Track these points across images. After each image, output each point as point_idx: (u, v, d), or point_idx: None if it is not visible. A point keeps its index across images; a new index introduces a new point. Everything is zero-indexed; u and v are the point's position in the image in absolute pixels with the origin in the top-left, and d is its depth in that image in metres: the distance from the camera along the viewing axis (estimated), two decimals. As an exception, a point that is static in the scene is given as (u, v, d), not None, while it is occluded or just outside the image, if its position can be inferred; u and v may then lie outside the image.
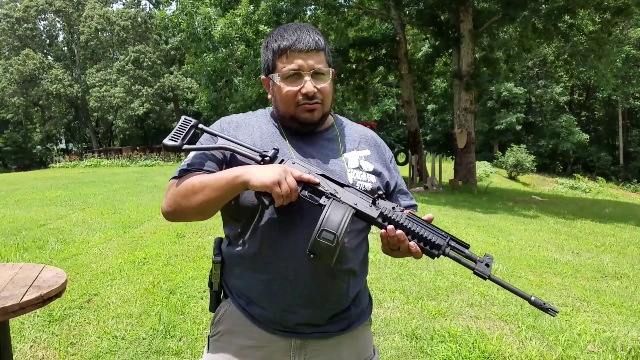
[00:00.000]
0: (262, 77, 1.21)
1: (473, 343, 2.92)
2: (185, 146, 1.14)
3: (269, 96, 1.21)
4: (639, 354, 2.87)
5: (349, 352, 1.23)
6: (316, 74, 1.12)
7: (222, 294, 1.25)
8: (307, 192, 1.07)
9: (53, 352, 2.74)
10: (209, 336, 1.27)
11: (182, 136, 1.15)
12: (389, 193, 1.27)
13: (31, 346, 2.80)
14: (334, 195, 1.06)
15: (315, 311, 1.15)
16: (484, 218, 8.69)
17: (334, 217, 1.01)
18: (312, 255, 1.00)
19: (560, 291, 4.19)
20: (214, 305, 1.26)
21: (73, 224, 6.68)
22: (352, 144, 1.25)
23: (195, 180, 1.09)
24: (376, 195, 1.07)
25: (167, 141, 1.14)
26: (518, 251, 5.87)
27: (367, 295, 1.30)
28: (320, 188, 1.07)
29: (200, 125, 1.20)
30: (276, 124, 1.22)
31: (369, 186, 1.18)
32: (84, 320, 3.20)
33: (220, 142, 1.15)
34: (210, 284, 1.25)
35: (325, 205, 1.04)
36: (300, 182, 1.05)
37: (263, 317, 1.16)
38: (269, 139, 1.18)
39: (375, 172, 1.22)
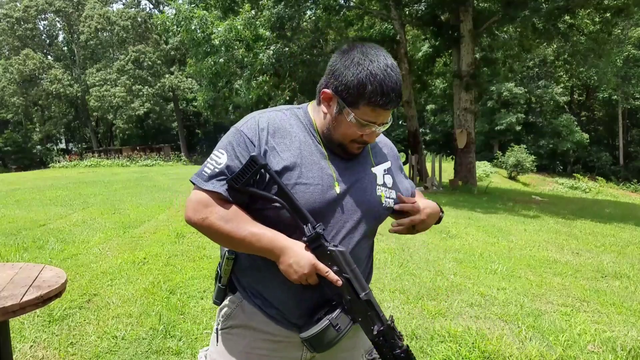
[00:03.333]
0: (327, 91, 1.14)
1: (473, 343, 2.92)
2: (252, 189, 1.12)
3: (323, 109, 1.18)
4: (639, 354, 2.87)
5: (360, 340, 1.29)
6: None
7: (228, 288, 1.27)
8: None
9: (53, 352, 2.74)
10: (217, 329, 1.28)
11: (245, 179, 1.11)
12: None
13: (31, 346, 2.80)
14: (347, 305, 1.11)
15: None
16: (484, 218, 8.69)
17: (324, 338, 1.10)
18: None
19: (560, 291, 4.19)
20: (220, 299, 1.28)
21: (73, 224, 6.68)
22: (378, 157, 1.31)
23: (235, 231, 1.11)
24: (390, 321, 1.13)
25: (231, 182, 1.11)
26: (518, 251, 5.87)
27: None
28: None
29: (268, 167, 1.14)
30: (315, 136, 1.20)
31: (391, 202, 1.27)
32: (84, 320, 3.20)
33: (278, 194, 1.11)
34: (219, 278, 1.26)
35: (326, 318, 1.10)
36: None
37: (280, 316, 1.20)
38: (309, 153, 1.17)
39: (394, 187, 1.30)
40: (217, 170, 1.13)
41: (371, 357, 1.32)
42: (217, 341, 1.27)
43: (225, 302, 1.26)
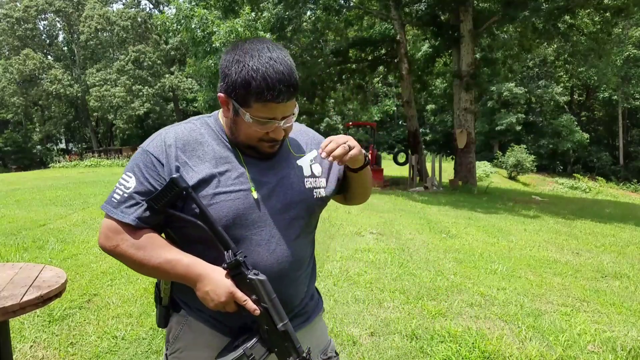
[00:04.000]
0: (221, 94, 1.09)
1: (473, 343, 2.92)
2: (172, 211, 1.08)
3: (225, 113, 1.13)
4: (639, 354, 2.87)
5: (310, 343, 1.24)
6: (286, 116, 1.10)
7: (170, 308, 1.22)
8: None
9: (53, 352, 2.74)
10: (166, 355, 1.23)
11: (165, 201, 1.08)
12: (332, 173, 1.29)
13: (31, 346, 2.80)
14: (264, 335, 1.09)
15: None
16: (484, 218, 8.70)
17: None
18: None
19: (560, 291, 4.19)
20: (163, 321, 1.23)
21: (73, 224, 6.68)
22: (300, 148, 1.25)
23: (147, 259, 1.08)
24: (305, 354, 1.10)
25: (150, 203, 1.08)
26: (518, 251, 5.87)
27: (315, 286, 1.34)
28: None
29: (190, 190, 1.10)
30: (228, 145, 1.15)
31: (322, 192, 1.22)
32: (84, 320, 3.20)
33: (200, 217, 1.07)
34: (159, 299, 1.22)
35: (241, 348, 1.08)
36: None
37: (227, 328, 1.16)
38: (224, 160, 1.13)
39: (324, 174, 1.25)
40: (125, 195, 1.09)
41: (326, 357, 1.30)
42: None
43: (171, 323, 1.22)
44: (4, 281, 1.77)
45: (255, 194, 1.11)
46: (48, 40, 41.22)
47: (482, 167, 24.29)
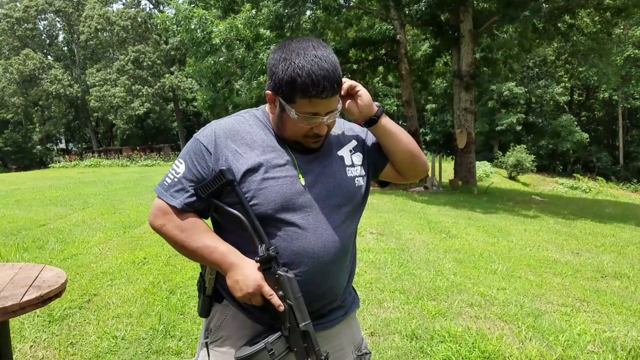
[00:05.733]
0: (268, 92, 1.16)
1: (473, 343, 2.92)
2: (215, 201, 1.15)
3: (272, 110, 1.20)
4: (639, 354, 2.87)
5: (347, 338, 1.29)
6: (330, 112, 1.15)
7: (213, 298, 1.25)
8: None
9: (53, 352, 2.74)
10: (206, 343, 1.25)
11: (211, 191, 1.14)
12: (373, 152, 1.34)
13: (31, 346, 2.80)
14: (286, 332, 1.11)
15: (320, 306, 1.21)
16: (484, 218, 8.69)
17: (259, 359, 1.09)
18: None
19: (560, 291, 4.19)
20: (206, 311, 1.26)
21: (73, 224, 6.68)
22: (341, 139, 1.30)
23: (188, 241, 1.15)
24: (323, 357, 1.11)
25: (197, 191, 1.15)
26: (518, 251, 5.87)
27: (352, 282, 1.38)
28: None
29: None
30: (274, 136, 1.21)
31: (362, 181, 1.27)
32: (84, 320, 3.20)
33: (240, 209, 1.13)
34: (203, 289, 1.25)
35: (263, 342, 1.10)
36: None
37: (269, 319, 1.18)
38: (271, 149, 1.18)
39: (362, 163, 1.30)
40: (175, 180, 1.17)
41: (360, 353, 1.31)
42: (208, 356, 1.24)
43: (213, 312, 1.25)
44: (4, 281, 1.77)
45: (302, 180, 1.17)
46: (48, 40, 41.22)
47: (482, 167, 24.30)
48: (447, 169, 17.94)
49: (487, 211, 9.80)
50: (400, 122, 34.47)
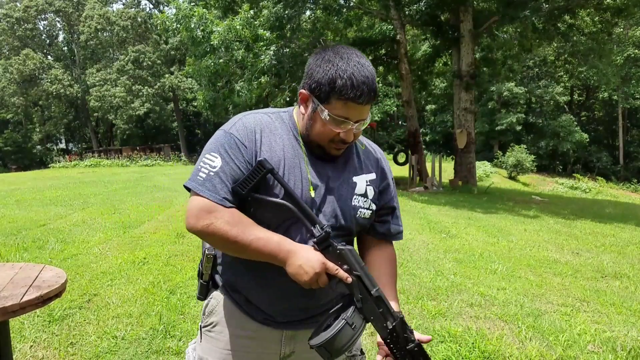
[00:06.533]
0: (303, 91, 1.17)
1: (473, 343, 2.92)
2: (257, 195, 1.13)
3: (301, 110, 1.20)
4: (639, 354, 2.87)
5: None
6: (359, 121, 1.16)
7: (210, 284, 1.29)
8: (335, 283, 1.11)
9: (53, 352, 2.74)
10: (201, 326, 1.31)
11: (252, 185, 1.12)
12: (381, 211, 1.32)
13: (31, 346, 2.80)
14: (359, 304, 1.10)
15: (309, 306, 1.23)
16: (484, 218, 8.69)
17: (340, 339, 1.06)
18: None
19: (560, 291, 4.19)
20: (203, 294, 1.30)
21: (73, 224, 6.68)
22: (362, 166, 1.29)
23: (241, 236, 1.10)
24: (400, 320, 1.11)
25: (237, 188, 1.11)
26: (518, 251, 5.87)
27: None
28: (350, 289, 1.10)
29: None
30: (298, 139, 1.21)
31: (367, 214, 1.26)
32: (84, 320, 3.20)
33: (285, 197, 1.12)
34: (201, 274, 1.29)
35: (342, 318, 1.07)
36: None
37: (258, 312, 1.23)
38: (291, 155, 1.19)
39: (375, 200, 1.29)
40: (211, 173, 1.12)
41: (351, 354, 1.31)
42: (201, 339, 1.30)
43: (209, 297, 1.29)
44: (4, 281, 1.77)
45: (313, 193, 1.18)
46: (48, 40, 41.22)
47: (482, 167, 24.29)
48: (447, 169, 17.93)
49: (487, 211, 9.80)
50: (400, 122, 34.51)
